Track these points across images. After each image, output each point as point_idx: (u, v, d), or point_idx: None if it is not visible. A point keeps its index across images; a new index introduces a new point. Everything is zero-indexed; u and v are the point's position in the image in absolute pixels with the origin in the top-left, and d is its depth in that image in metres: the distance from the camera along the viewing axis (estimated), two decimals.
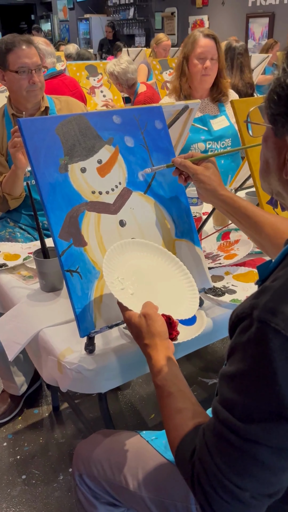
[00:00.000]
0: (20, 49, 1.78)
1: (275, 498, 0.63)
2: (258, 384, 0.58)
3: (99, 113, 1.15)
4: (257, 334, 0.58)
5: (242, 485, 0.60)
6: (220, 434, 0.62)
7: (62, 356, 1.06)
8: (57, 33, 13.41)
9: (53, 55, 2.82)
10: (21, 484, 1.62)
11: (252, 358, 0.59)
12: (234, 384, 0.61)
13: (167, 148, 1.23)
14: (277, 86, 0.63)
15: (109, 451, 0.99)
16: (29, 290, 1.34)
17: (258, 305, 0.59)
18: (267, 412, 0.58)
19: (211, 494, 0.62)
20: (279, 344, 0.56)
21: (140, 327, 0.87)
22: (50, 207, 1.03)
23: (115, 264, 1.01)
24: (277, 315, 0.56)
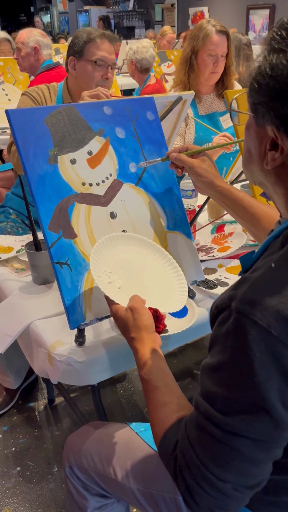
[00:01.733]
0: (102, 42, 1.78)
1: (256, 489, 0.63)
2: (237, 375, 0.58)
3: (90, 104, 1.14)
4: (235, 325, 0.57)
5: (224, 477, 0.60)
6: (201, 426, 0.62)
7: (52, 348, 1.06)
8: (57, 25, 13.32)
9: (49, 47, 2.80)
10: (15, 476, 1.62)
11: (231, 350, 0.58)
12: (214, 376, 0.61)
13: (159, 139, 1.22)
14: (258, 74, 0.62)
15: (99, 443, 0.99)
16: (21, 283, 1.33)
17: (236, 296, 0.59)
18: (246, 404, 0.57)
19: (193, 487, 0.62)
20: (257, 335, 0.55)
21: (127, 321, 0.87)
22: (39, 199, 1.02)
23: (102, 258, 1.01)
24: (254, 306, 0.56)
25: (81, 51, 1.78)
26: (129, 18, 11.22)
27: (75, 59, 1.80)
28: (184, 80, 2.15)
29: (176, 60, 4.11)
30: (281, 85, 0.59)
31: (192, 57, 2.09)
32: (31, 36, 2.76)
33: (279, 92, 0.59)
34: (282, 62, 0.59)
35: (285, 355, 0.54)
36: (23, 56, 2.74)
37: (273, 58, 0.60)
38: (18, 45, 2.75)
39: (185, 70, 2.13)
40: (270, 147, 0.65)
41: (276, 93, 0.60)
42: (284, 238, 0.65)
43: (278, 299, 0.55)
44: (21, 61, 2.77)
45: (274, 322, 0.55)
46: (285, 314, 0.55)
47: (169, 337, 1.13)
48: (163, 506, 0.88)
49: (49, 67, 2.74)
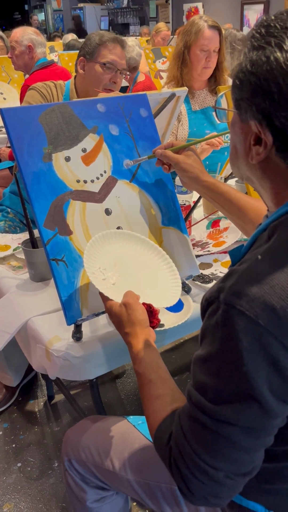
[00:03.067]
0: (114, 46, 1.80)
1: (249, 477, 0.64)
2: (226, 365, 0.59)
3: (83, 102, 1.15)
4: (223, 316, 0.59)
5: (216, 465, 0.62)
6: (194, 416, 0.63)
7: (50, 344, 1.07)
8: (51, 23, 13.27)
9: (43, 45, 2.80)
10: (16, 472, 1.64)
11: (220, 341, 0.60)
12: (205, 367, 0.62)
13: (152, 136, 1.23)
14: (239, 71, 0.64)
15: (96, 436, 1.01)
16: (18, 280, 1.35)
17: (224, 289, 0.60)
18: (236, 393, 0.59)
19: (187, 476, 0.63)
20: (244, 325, 0.56)
21: (121, 316, 0.88)
22: (34, 197, 1.03)
23: (96, 255, 1.02)
24: (241, 297, 0.57)
25: (92, 53, 1.80)
26: (123, 15, 11.19)
27: (85, 59, 1.82)
28: (177, 75, 2.16)
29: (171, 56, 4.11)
30: (261, 80, 0.60)
31: (185, 52, 2.10)
32: (25, 35, 2.76)
33: (260, 88, 0.61)
34: (261, 59, 0.60)
35: (272, 344, 0.56)
36: (17, 55, 2.75)
37: (253, 55, 0.61)
38: (12, 43, 2.75)
39: (178, 65, 2.14)
40: (254, 142, 0.66)
41: (257, 89, 0.61)
42: (270, 231, 0.66)
43: (264, 289, 0.57)
44: (15, 59, 2.77)
45: (261, 312, 0.56)
46: (272, 304, 0.56)
47: (165, 332, 1.14)
48: (160, 496, 0.89)
49: (43, 65, 2.74)
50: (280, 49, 0.59)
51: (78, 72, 1.88)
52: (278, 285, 0.57)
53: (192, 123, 2.19)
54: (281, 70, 0.58)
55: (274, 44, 0.59)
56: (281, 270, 0.58)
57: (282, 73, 0.58)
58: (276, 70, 0.59)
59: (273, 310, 0.56)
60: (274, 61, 0.59)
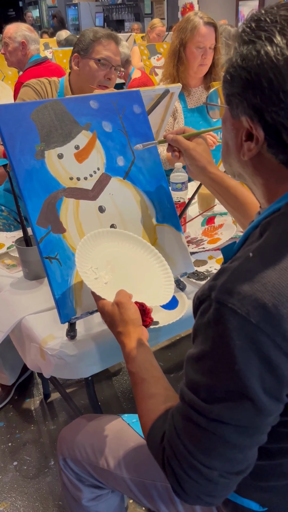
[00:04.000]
0: (109, 42, 1.79)
1: (243, 475, 0.64)
2: (219, 364, 0.59)
3: (76, 98, 1.14)
4: (215, 315, 0.58)
5: (210, 464, 0.61)
6: (187, 415, 0.63)
7: (44, 342, 1.07)
8: (46, 19, 13.19)
9: (37, 42, 2.78)
10: (12, 471, 1.64)
11: (212, 339, 0.59)
12: (197, 365, 0.62)
13: (146, 133, 1.22)
14: (230, 66, 0.63)
15: (91, 434, 1.00)
16: (12, 279, 1.34)
17: (215, 287, 0.59)
18: (228, 392, 0.58)
19: (181, 475, 0.63)
20: (236, 323, 0.56)
21: (113, 315, 0.87)
22: (27, 194, 1.02)
23: (88, 254, 1.01)
24: (233, 295, 0.57)
25: (86, 49, 1.79)
26: (118, 11, 11.14)
27: (80, 56, 1.81)
28: (173, 73, 2.14)
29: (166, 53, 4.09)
30: (252, 75, 0.60)
31: (181, 49, 2.08)
32: (18, 31, 2.74)
33: (251, 82, 0.60)
34: (252, 53, 0.60)
35: (264, 342, 0.55)
36: (10, 51, 2.73)
37: (244, 50, 0.61)
38: (6, 39, 2.73)
39: (174, 63, 2.12)
40: (245, 138, 0.66)
41: (248, 84, 0.61)
42: (262, 228, 0.66)
43: (255, 287, 0.56)
44: (8, 56, 2.75)
45: (252, 310, 0.55)
46: (263, 302, 0.55)
47: (160, 329, 1.14)
48: (155, 494, 0.89)
49: (37, 61, 2.73)
50: (270, 43, 0.58)
51: (73, 69, 1.87)
52: (270, 283, 0.56)
53: (187, 121, 2.18)
54: (271, 64, 0.58)
55: (264, 38, 0.59)
56: (272, 267, 0.57)
57: (273, 68, 0.58)
58: (267, 64, 0.58)
59: (265, 308, 0.55)
60: (264, 55, 0.58)
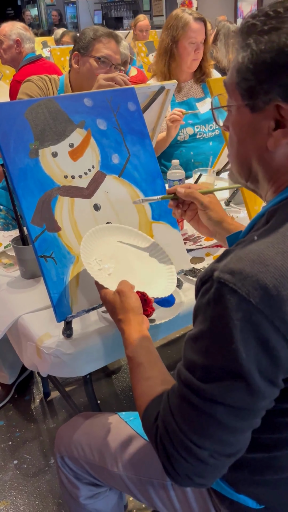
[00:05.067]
0: (109, 41, 1.79)
1: (233, 459, 0.64)
2: (216, 343, 0.59)
3: (70, 96, 1.14)
4: (215, 294, 0.58)
5: (201, 444, 0.62)
6: (182, 395, 0.64)
7: (40, 341, 1.07)
8: (44, 18, 13.16)
9: (31, 41, 2.78)
10: (12, 469, 1.64)
11: (211, 319, 0.59)
12: (196, 345, 0.62)
13: (141, 130, 1.22)
14: (252, 57, 0.63)
15: (88, 432, 1.00)
16: (9, 278, 1.34)
17: (218, 267, 0.60)
18: (224, 371, 0.59)
19: (172, 454, 0.64)
20: (236, 303, 0.56)
21: (114, 304, 0.89)
22: (21, 193, 1.02)
23: (93, 247, 1.03)
24: (234, 275, 0.57)
25: (86, 47, 1.79)
26: (117, 9, 11.11)
27: (80, 54, 1.82)
28: (164, 70, 2.17)
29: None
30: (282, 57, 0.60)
31: (173, 46, 2.10)
32: (13, 29, 2.74)
33: (285, 63, 0.60)
34: (281, 38, 0.60)
35: (262, 324, 0.55)
36: (4, 49, 2.73)
37: (270, 37, 0.61)
38: (0, 37, 2.73)
39: (165, 61, 2.15)
40: (274, 126, 0.64)
41: (282, 66, 0.61)
42: (268, 215, 0.66)
43: (258, 268, 0.56)
44: (2, 53, 2.75)
45: (253, 291, 0.55)
46: (264, 283, 0.55)
47: (157, 327, 1.14)
48: (152, 491, 0.89)
49: (31, 59, 2.73)
50: None
51: (73, 67, 1.87)
52: (272, 265, 0.56)
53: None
54: None
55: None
56: (275, 250, 0.57)
57: None
58: None
59: (265, 289, 0.55)
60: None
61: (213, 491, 0.82)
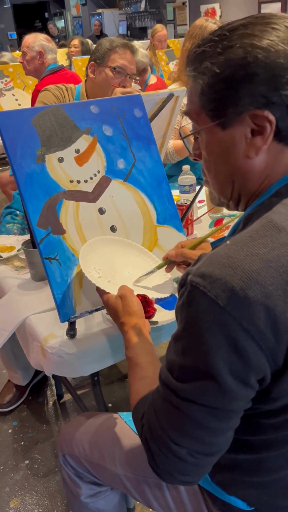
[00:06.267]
0: (124, 51, 1.85)
1: (213, 458, 0.65)
2: (190, 344, 0.61)
3: (76, 104, 1.17)
4: (188, 297, 0.60)
5: (179, 442, 0.63)
6: (162, 394, 0.66)
7: (45, 341, 1.10)
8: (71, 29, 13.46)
9: (54, 51, 2.86)
10: (24, 469, 1.67)
11: (185, 320, 0.61)
12: (174, 346, 0.64)
13: (147, 135, 1.24)
14: (210, 77, 0.66)
15: (89, 431, 1.02)
16: (20, 280, 1.38)
17: (191, 271, 0.61)
18: (198, 372, 0.60)
19: (154, 450, 0.66)
20: (206, 306, 0.58)
21: (117, 308, 0.92)
22: (27, 197, 1.06)
23: (91, 257, 1.06)
24: (205, 278, 0.58)
25: (102, 57, 1.85)
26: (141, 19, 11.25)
27: (96, 64, 1.87)
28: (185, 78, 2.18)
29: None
30: (248, 68, 0.63)
31: None
32: (36, 41, 2.82)
33: (248, 75, 0.63)
34: (239, 52, 0.63)
35: (231, 325, 0.56)
36: (28, 60, 2.81)
37: (230, 54, 0.64)
38: (24, 49, 2.82)
39: None
40: (251, 135, 0.66)
41: (247, 76, 0.63)
42: (245, 220, 0.67)
43: (225, 271, 0.57)
44: (26, 64, 2.84)
45: (221, 293, 0.57)
46: (231, 285, 0.56)
47: (161, 328, 1.15)
48: (148, 491, 0.90)
49: (53, 70, 2.80)
50: (258, 39, 0.63)
51: (89, 76, 1.93)
52: (240, 267, 0.57)
53: None
54: (265, 53, 0.62)
55: (245, 38, 0.63)
56: (244, 253, 0.58)
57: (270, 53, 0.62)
58: (262, 55, 0.62)
59: (233, 291, 0.56)
60: (253, 49, 0.62)
61: (206, 492, 0.83)
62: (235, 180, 0.71)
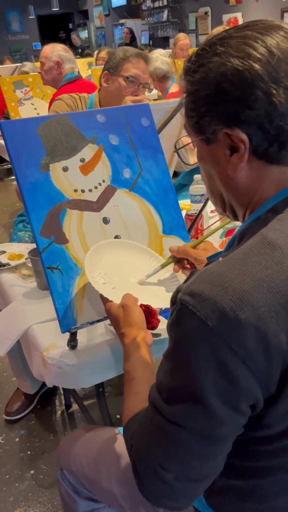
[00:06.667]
0: (138, 61, 1.87)
1: (203, 484, 0.62)
2: (178, 364, 0.58)
3: (83, 113, 1.17)
4: (177, 316, 0.58)
5: (166, 465, 0.60)
6: (150, 414, 0.63)
7: (46, 351, 1.09)
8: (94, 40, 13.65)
9: (71, 61, 2.88)
10: (29, 479, 1.66)
11: (173, 340, 0.59)
12: (165, 365, 0.62)
13: (154, 145, 1.23)
14: (190, 93, 0.66)
15: (87, 446, 1.00)
16: (26, 288, 1.37)
17: (181, 288, 0.59)
18: (185, 394, 0.57)
19: (140, 473, 0.63)
20: (194, 326, 0.55)
21: (118, 317, 0.90)
22: (31, 206, 1.05)
23: (97, 261, 1.04)
24: (194, 297, 0.56)
25: (116, 67, 1.86)
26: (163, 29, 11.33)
27: (109, 73, 1.89)
28: None
29: None
30: (214, 87, 0.63)
31: None
32: (54, 51, 2.85)
33: (215, 94, 0.63)
34: (207, 71, 0.63)
35: (220, 348, 0.54)
36: (46, 70, 2.84)
37: (197, 76, 0.64)
38: (42, 59, 2.85)
39: None
40: (230, 153, 0.65)
41: (214, 96, 0.63)
42: (240, 236, 0.65)
43: (217, 291, 0.55)
44: (44, 74, 2.87)
45: (211, 314, 0.54)
46: (222, 306, 0.54)
47: (164, 341, 1.13)
48: (142, 510, 0.87)
49: (70, 79, 2.82)
50: (218, 56, 0.62)
51: (102, 86, 1.94)
52: (231, 287, 0.55)
53: None
54: (229, 71, 0.61)
55: (211, 57, 0.63)
56: (236, 272, 0.56)
57: (231, 72, 0.61)
58: (225, 72, 0.61)
59: (223, 312, 0.54)
60: (217, 67, 0.62)
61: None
62: (223, 194, 0.71)
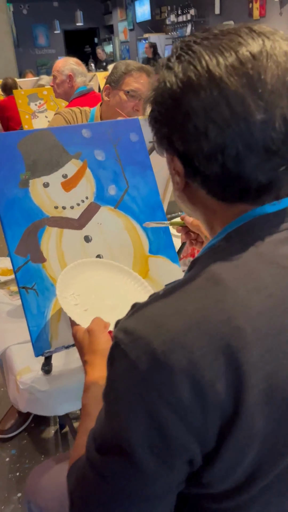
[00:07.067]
0: (140, 75, 1.86)
1: None
2: (109, 410, 0.52)
3: (67, 128, 1.13)
4: (110, 355, 0.52)
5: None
6: (82, 464, 0.56)
7: (19, 375, 1.04)
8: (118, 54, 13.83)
9: (83, 75, 2.88)
10: (15, 502, 1.60)
11: (107, 381, 0.53)
12: (101, 408, 0.55)
13: (142, 161, 1.18)
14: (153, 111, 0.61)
15: (54, 480, 0.93)
16: (11, 306, 1.33)
17: (118, 323, 0.53)
18: (113, 444, 0.50)
19: None
20: (124, 368, 0.49)
21: (82, 343, 0.85)
22: (7, 223, 1.01)
23: (72, 281, 0.99)
24: (127, 334, 0.50)
25: (117, 81, 1.84)
26: None
27: (111, 87, 1.87)
28: None
29: None
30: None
31: None
32: (66, 65, 2.86)
33: (155, 116, 0.59)
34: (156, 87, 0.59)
35: (150, 395, 0.47)
36: (58, 83, 2.85)
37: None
38: (54, 73, 2.86)
39: None
40: (174, 172, 0.60)
41: (156, 118, 0.59)
42: (190, 266, 0.58)
43: (149, 329, 0.49)
44: (56, 88, 2.88)
45: (142, 355, 0.48)
46: (153, 347, 0.47)
47: None
48: None
49: (82, 93, 2.82)
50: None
51: (103, 99, 1.91)
52: (164, 326, 0.48)
53: None
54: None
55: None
56: (171, 308, 0.50)
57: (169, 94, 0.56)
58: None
59: (154, 355, 0.47)
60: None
61: None
62: (180, 203, 0.66)
